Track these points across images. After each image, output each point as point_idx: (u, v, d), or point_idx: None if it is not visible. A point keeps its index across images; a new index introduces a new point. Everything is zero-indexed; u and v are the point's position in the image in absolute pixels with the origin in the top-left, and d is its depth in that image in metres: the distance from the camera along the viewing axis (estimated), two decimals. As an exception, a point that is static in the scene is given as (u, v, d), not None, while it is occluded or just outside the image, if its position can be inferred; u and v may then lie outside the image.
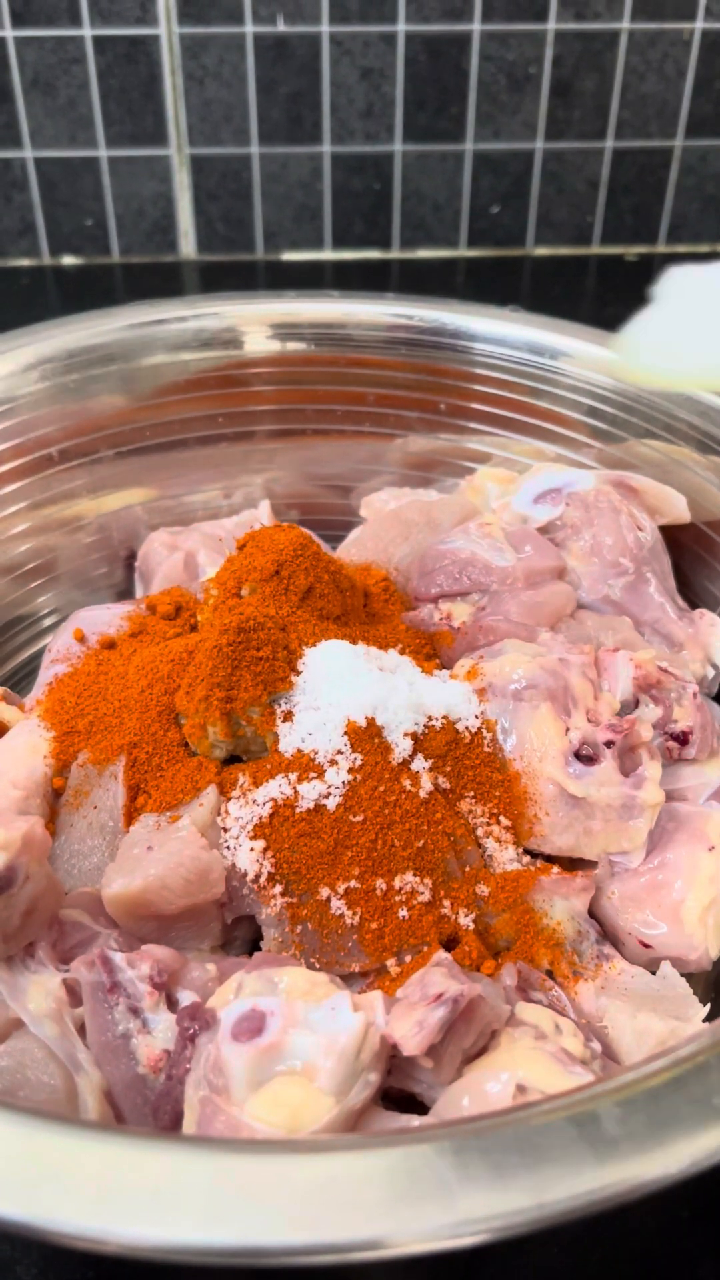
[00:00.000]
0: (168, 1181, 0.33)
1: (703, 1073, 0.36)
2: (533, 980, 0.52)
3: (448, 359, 0.80)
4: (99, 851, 0.56)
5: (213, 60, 1.16)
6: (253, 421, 0.82)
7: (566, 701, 0.58)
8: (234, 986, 0.47)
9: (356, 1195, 0.33)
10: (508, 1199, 0.33)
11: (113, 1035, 0.47)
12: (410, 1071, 0.46)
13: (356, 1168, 0.33)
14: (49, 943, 0.51)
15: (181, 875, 0.51)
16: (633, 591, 0.66)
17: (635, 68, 1.20)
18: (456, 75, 1.20)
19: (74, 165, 1.22)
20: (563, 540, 0.68)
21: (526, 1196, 0.33)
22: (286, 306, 0.81)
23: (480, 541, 0.67)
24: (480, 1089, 0.44)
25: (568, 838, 0.56)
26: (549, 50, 1.19)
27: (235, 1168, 0.33)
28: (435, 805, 0.55)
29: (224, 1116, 0.43)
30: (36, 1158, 0.34)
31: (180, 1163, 0.33)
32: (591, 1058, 0.48)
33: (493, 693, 0.59)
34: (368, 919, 0.52)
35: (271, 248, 1.30)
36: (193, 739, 0.57)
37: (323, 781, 0.54)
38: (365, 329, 0.81)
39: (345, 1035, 0.44)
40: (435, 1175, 0.33)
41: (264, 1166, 0.33)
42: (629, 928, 0.56)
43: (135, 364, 0.79)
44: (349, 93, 1.20)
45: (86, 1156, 0.34)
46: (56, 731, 0.59)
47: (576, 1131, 0.34)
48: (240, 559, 0.62)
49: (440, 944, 0.52)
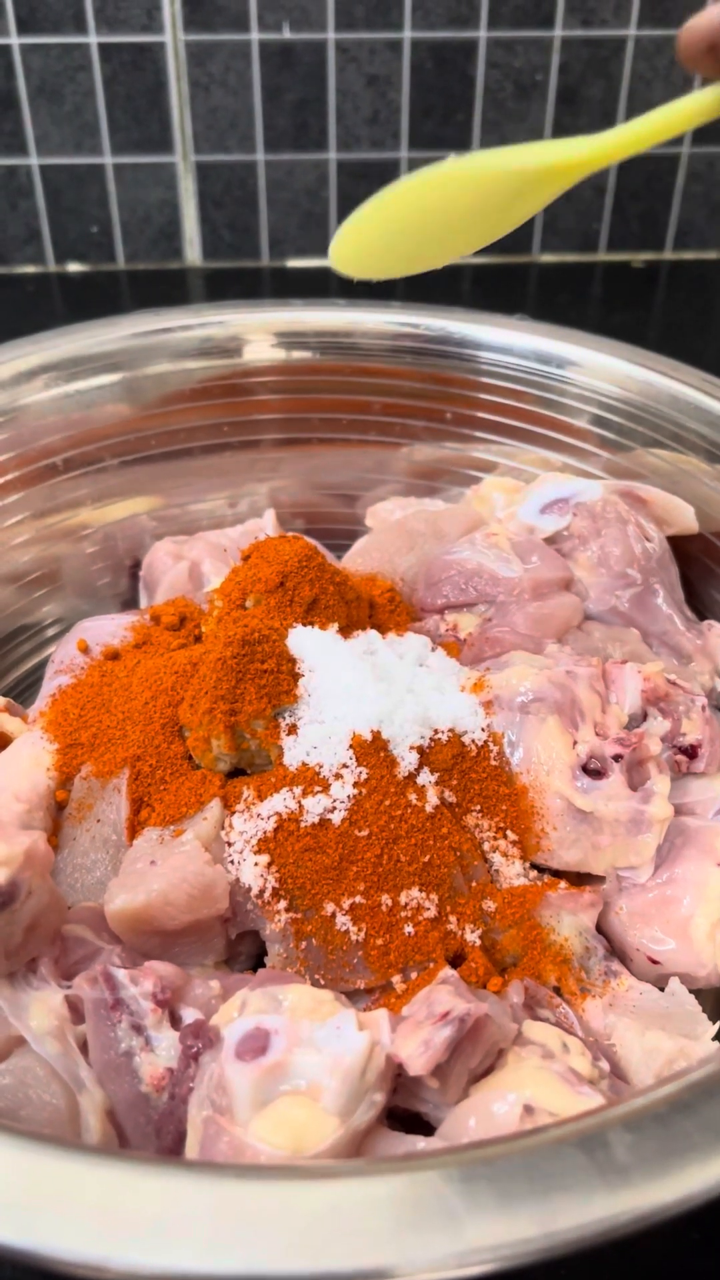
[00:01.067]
0: (170, 1208, 0.32)
1: (713, 1097, 0.36)
2: (540, 997, 0.52)
3: (454, 367, 0.80)
4: (102, 865, 0.55)
5: (218, 67, 1.16)
6: (258, 430, 0.82)
7: (574, 714, 0.58)
8: (238, 1004, 0.47)
9: (361, 1223, 0.32)
10: (516, 1228, 0.32)
11: (115, 1053, 0.46)
12: (416, 1091, 0.46)
13: (361, 1195, 0.33)
14: (51, 959, 0.50)
15: (185, 891, 0.50)
16: (640, 603, 0.66)
17: (642, 74, 1.20)
18: (462, 82, 1.19)
19: (79, 172, 1.22)
20: (570, 551, 0.68)
21: (535, 1225, 0.32)
22: (292, 315, 0.81)
23: (486, 552, 0.67)
24: (487, 1109, 0.44)
25: (575, 853, 0.56)
26: (555, 57, 1.18)
27: (238, 1194, 0.33)
28: (441, 820, 0.54)
29: (227, 1137, 0.42)
30: (37, 1183, 0.33)
31: (182, 1189, 0.33)
32: (600, 1077, 0.47)
33: (499, 705, 0.58)
34: (373, 935, 0.51)
35: (277, 255, 1.29)
36: (196, 752, 0.57)
37: (328, 795, 0.53)
38: (371, 337, 0.80)
39: (350, 1055, 0.43)
40: (442, 1203, 0.33)
41: (267, 1193, 0.33)
42: (637, 944, 0.55)
43: (140, 372, 0.78)
44: (355, 100, 1.19)
45: (87, 1182, 0.33)
46: (60, 744, 0.59)
47: (586, 1158, 0.34)
48: (245, 570, 0.62)
49: (446, 960, 0.52)
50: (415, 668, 0.60)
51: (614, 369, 0.75)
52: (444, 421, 0.81)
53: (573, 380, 0.76)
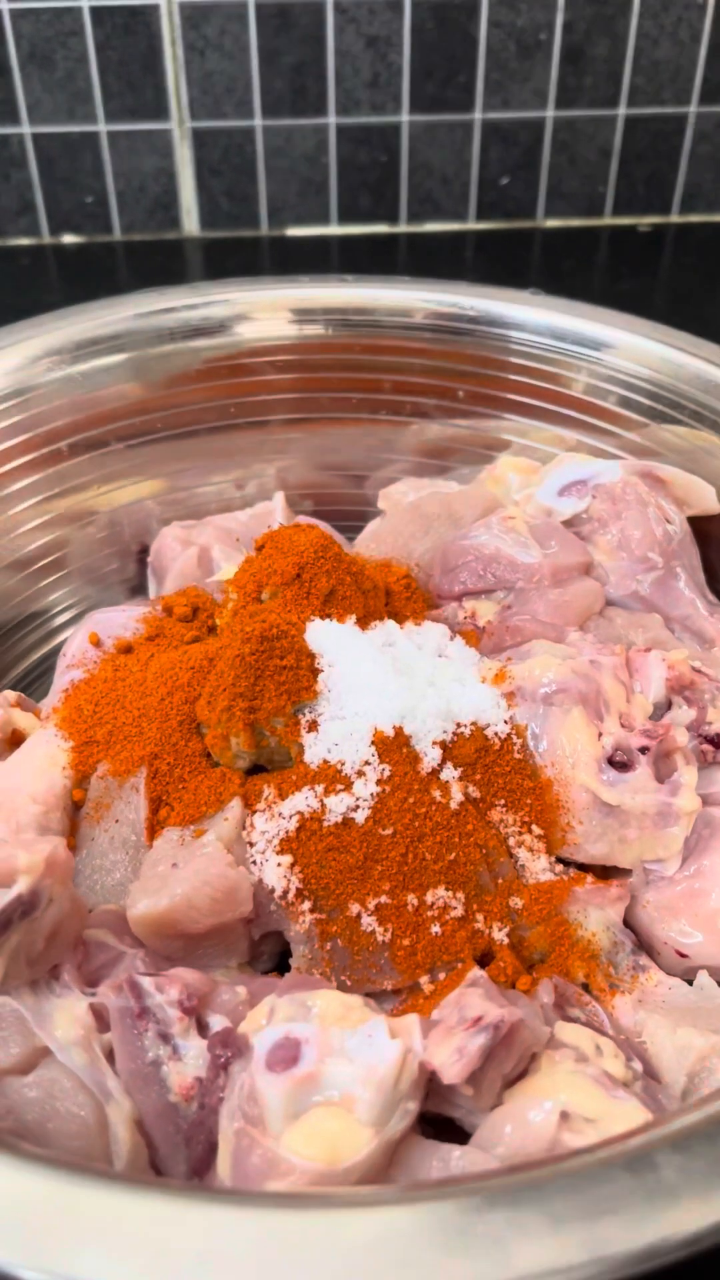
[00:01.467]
0: (214, 1240, 0.32)
1: (762, 1114, 0.35)
2: (569, 996, 0.51)
3: (466, 344, 0.78)
4: (121, 867, 0.54)
5: (214, 30, 1.13)
6: (265, 410, 0.80)
7: (599, 705, 0.57)
8: (266, 1011, 0.46)
9: (409, 1252, 0.31)
10: (565, 1254, 0.31)
11: (143, 1062, 0.46)
12: (449, 1096, 0.45)
13: (407, 1222, 0.32)
14: (74, 965, 0.49)
15: (208, 894, 0.49)
16: (662, 587, 0.64)
17: (649, 33, 1.17)
18: (465, 43, 1.16)
19: (73, 141, 1.19)
20: (589, 534, 0.66)
21: (584, 1251, 0.32)
22: (298, 292, 0.79)
23: (504, 536, 0.65)
24: (523, 1117, 0.43)
25: (602, 846, 0.55)
26: (560, 16, 1.15)
27: (283, 1224, 0.32)
28: (466, 816, 0.53)
29: (260, 1149, 0.42)
30: (78, 1215, 0.32)
31: (226, 1220, 0.32)
32: (633, 1079, 0.46)
33: (522, 696, 0.57)
34: (399, 935, 0.51)
35: (276, 223, 1.27)
36: (215, 749, 0.56)
37: (350, 794, 0.52)
38: (380, 314, 0.78)
39: (384, 1064, 0.42)
40: (489, 1229, 0.32)
41: (312, 1222, 0.32)
42: (665, 937, 0.54)
43: (145, 353, 0.76)
44: (354, 62, 1.16)
45: (130, 1213, 0.32)
46: (75, 741, 0.58)
47: (634, 1180, 0.33)
48: (259, 561, 0.61)
49: (474, 960, 0.51)
50: (435, 659, 0.59)
51: (633, 345, 0.73)
52: (455, 399, 0.79)
53: (588, 356, 0.75)
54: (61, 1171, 0.34)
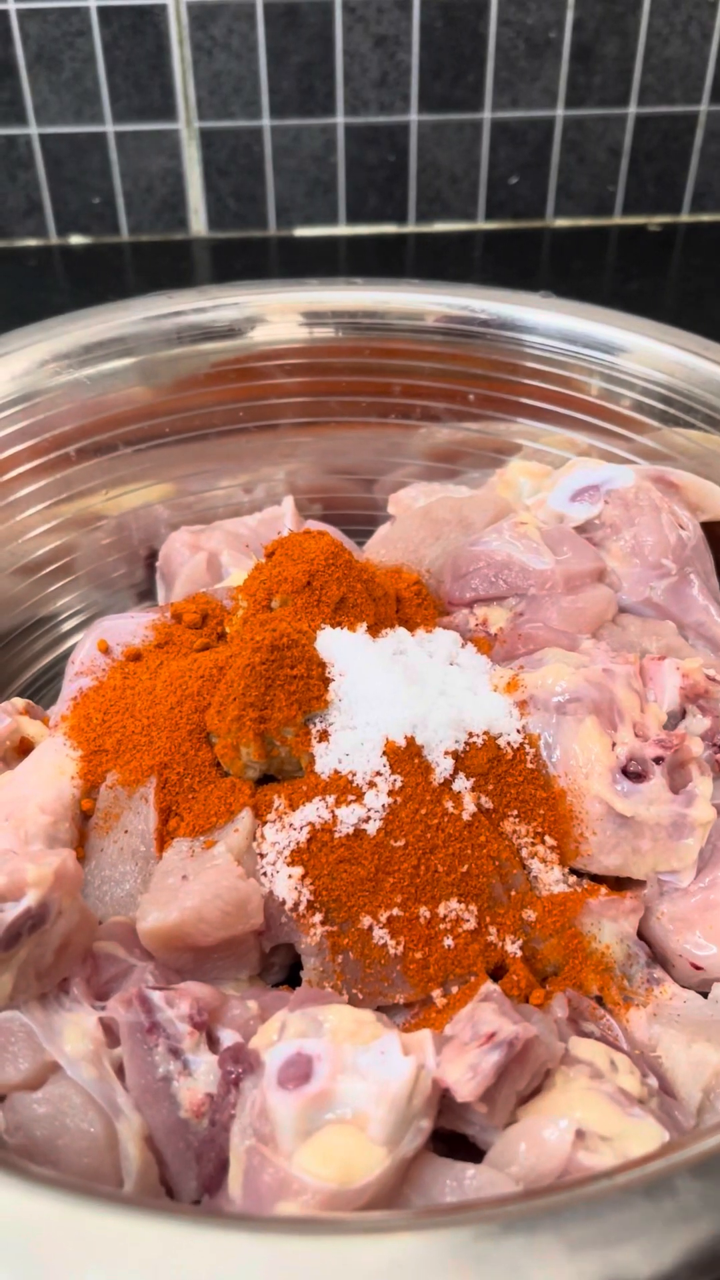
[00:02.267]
0: (224, 1268, 0.31)
1: (783, 1138, 0.34)
2: (583, 1009, 0.50)
3: (476, 347, 0.77)
4: (131, 878, 0.54)
5: (221, 30, 1.13)
6: (274, 414, 0.80)
7: (612, 715, 0.56)
8: (277, 1026, 0.45)
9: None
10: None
11: (153, 1078, 0.45)
12: (462, 1113, 0.45)
13: (421, 1249, 0.32)
14: (83, 978, 0.49)
15: (219, 907, 0.49)
16: (675, 593, 0.64)
17: (659, 31, 1.16)
18: (474, 41, 1.15)
19: (80, 141, 1.18)
20: (601, 540, 0.66)
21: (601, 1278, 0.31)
22: (307, 295, 0.78)
23: (515, 542, 0.65)
24: (537, 1135, 0.43)
25: (615, 857, 0.54)
26: (569, 14, 1.14)
27: (294, 1251, 0.32)
28: (479, 827, 0.53)
29: (272, 1168, 0.41)
30: (82, 1239, 0.32)
31: (236, 1246, 0.32)
32: (649, 1095, 0.46)
33: (534, 705, 0.57)
34: (412, 948, 0.50)
35: (284, 223, 1.26)
36: (225, 759, 0.55)
37: (362, 805, 0.52)
38: (390, 317, 0.78)
39: (397, 1082, 0.42)
40: (506, 1256, 0.31)
41: (324, 1250, 0.32)
42: (680, 949, 0.54)
43: (152, 357, 0.76)
44: (362, 61, 1.16)
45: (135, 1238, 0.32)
46: (83, 750, 0.57)
47: (653, 1206, 0.32)
48: (269, 568, 0.60)
49: (487, 973, 0.51)
50: (446, 667, 0.59)
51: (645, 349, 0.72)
52: (466, 403, 0.79)
53: (601, 360, 0.74)
54: (69, 1194, 0.33)
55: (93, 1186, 0.34)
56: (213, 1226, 0.33)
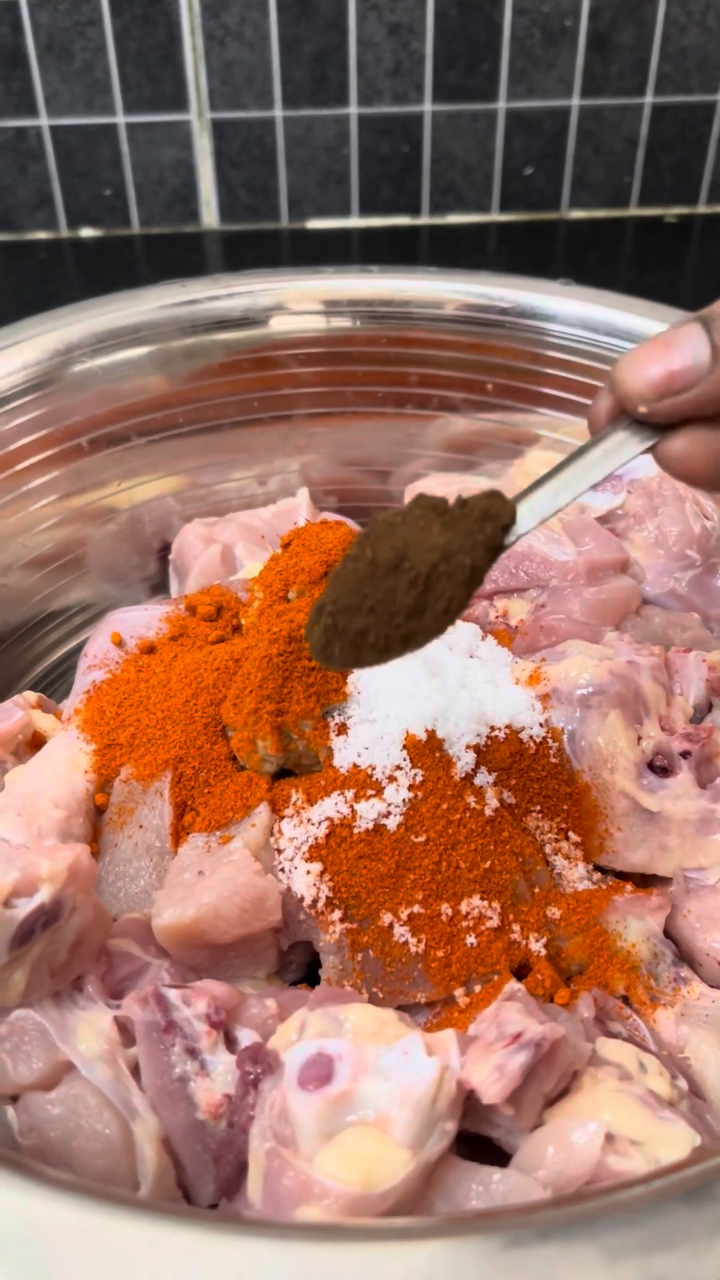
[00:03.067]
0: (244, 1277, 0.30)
1: None
2: (610, 1009, 0.49)
3: (496, 336, 0.76)
4: (146, 874, 0.53)
5: (234, 19, 1.11)
6: (289, 405, 0.79)
7: (637, 708, 0.55)
8: (296, 1025, 0.44)
9: (455, 1290, 0.30)
10: (622, 1292, 0.30)
11: (169, 1079, 0.44)
12: (488, 1116, 0.43)
13: (452, 1256, 0.30)
14: (98, 976, 0.48)
15: (236, 904, 0.48)
16: (700, 584, 0.63)
17: (676, 19, 1.15)
18: (489, 30, 1.14)
19: (91, 133, 1.17)
20: (624, 530, 0.64)
21: (641, 1288, 0.30)
22: (323, 284, 0.77)
23: (537, 534, 0.63)
24: (566, 1139, 0.41)
25: (641, 854, 0.53)
26: (585, 2, 1.13)
27: (318, 1260, 0.30)
28: (501, 823, 0.51)
29: (293, 1171, 0.40)
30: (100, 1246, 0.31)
31: (257, 1254, 0.30)
32: (679, 1098, 0.45)
33: (557, 699, 0.56)
34: (433, 946, 0.49)
35: (297, 215, 1.25)
36: (241, 753, 0.54)
37: (381, 799, 0.51)
38: (409, 306, 0.76)
39: (421, 1083, 0.41)
40: (541, 1264, 0.30)
41: (350, 1258, 0.30)
42: (707, 947, 0.52)
43: (166, 346, 0.75)
44: (376, 51, 1.15)
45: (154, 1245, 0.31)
46: (97, 744, 0.56)
47: (693, 1213, 0.31)
48: (286, 559, 0.59)
49: (510, 972, 0.49)
50: (467, 660, 0.57)
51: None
52: (484, 393, 0.77)
53: (623, 348, 0.73)
54: (83, 1198, 0.32)
55: (107, 1190, 0.33)
56: (231, 1233, 0.31)
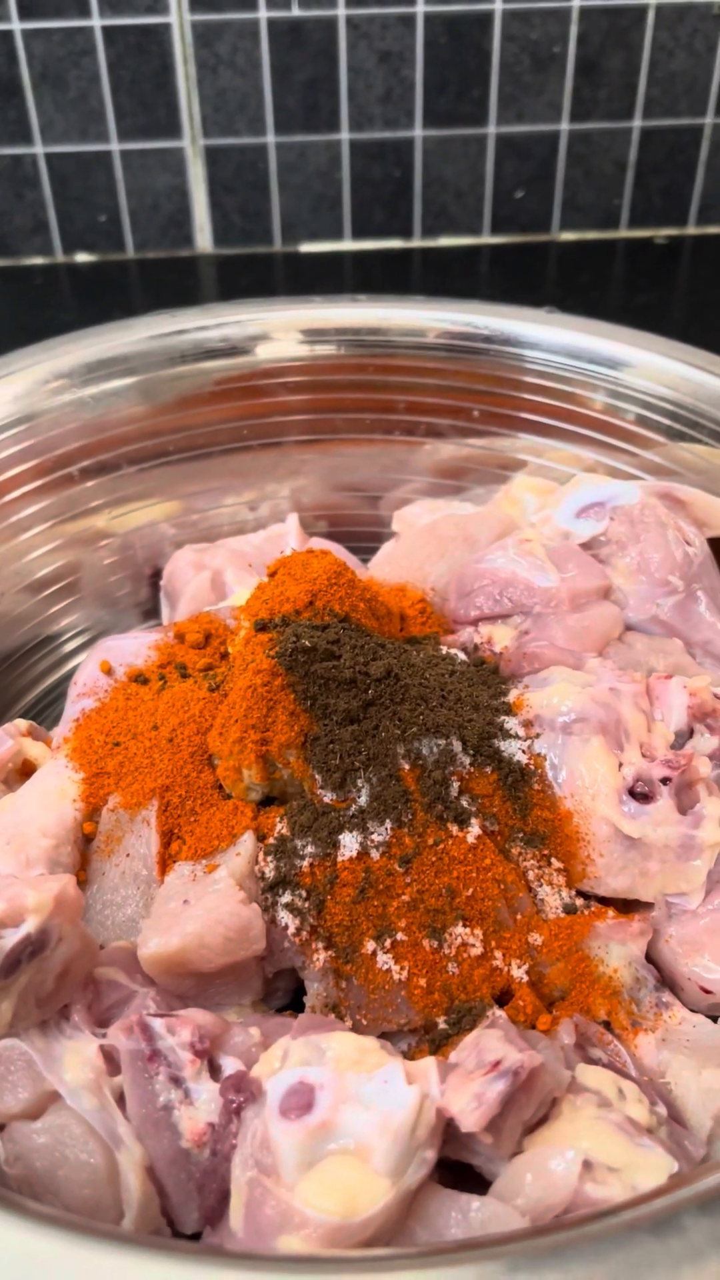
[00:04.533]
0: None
1: None
2: (590, 1034, 0.50)
3: (481, 363, 0.77)
4: (133, 902, 0.53)
5: (226, 48, 1.13)
6: (279, 432, 0.80)
7: (619, 735, 0.55)
8: (279, 1054, 0.45)
9: (426, 1322, 0.30)
10: (589, 1323, 0.30)
11: (154, 1107, 0.44)
12: (467, 1143, 0.44)
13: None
14: (84, 1005, 0.48)
15: (220, 933, 0.48)
16: (682, 611, 0.63)
17: (663, 44, 1.16)
18: (478, 56, 1.15)
19: (86, 160, 1.18)
20: (607, 557, 0.65)
21: (609, 1319, 0.30)
22: (310, 313, 0.78)
23: (520, 560, 0.64)
24: (544, 1166, 0.42)
25: (623, 880, 0.54)
26: (573, 28, 1.14)
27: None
28: (484, 850, 0.52)
29: (274, 1200, 0.40)
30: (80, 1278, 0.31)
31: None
32: (658, 1124, 0.45)
33: (540, 726, 0.56)
34: (416, 974, 0.49)
35: (290, 239, 1.26)
36: (227, 782, 0.55)
37: (365, 829, 0.51)
38: (393, 334, 0.77)
39: (400, 1112, 0.41)
40: (510, 1296, 0.31)
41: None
42: (689, 973, 0.53)
43: (155, 376, 0.76)
44: (367, 78, 1.16)
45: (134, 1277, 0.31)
46: (85, 773, 0.57)
47: (659, 1244, 0.32)
48: (272, 587, 0.60)
49: (493, 998, 0.50)
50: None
51: (651, 364, 0.72)
52: (470, 419, 0.78)
53: (605, 375, 0.74)
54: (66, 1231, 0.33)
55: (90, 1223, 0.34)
56: (211, 1264, 0.32)
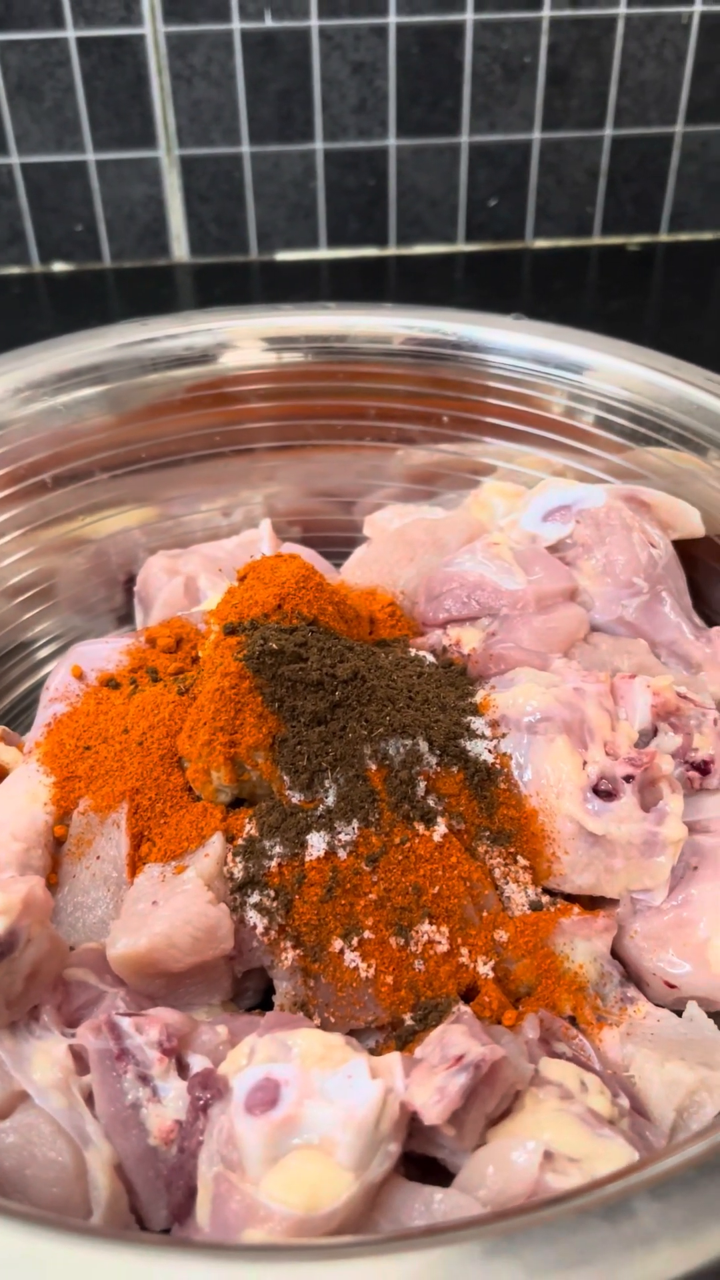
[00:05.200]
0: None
1: (742, 1157, 0.34)
2: (555, 1030, 0.50)
3: (450, 369, 0.78)
4: (103, 904, 0.54)
5: (200, 59, 1.14)
6: (251, 438, 0.80)
7: (583, 734, 0.56)
8: (246, 1051, 0.45)
9: (381, 1307, 0.31)
10: (540, 1306, 0.31)
11: (122, 1105, 0.45)
12: (432, 1136, 0.44)
13: (377, 1276, 0.32)
14: (54, 1005, 0.49)
15: (188, 933, 0.49)
16: (647, 611, 0.64)
17: (633, 54, 1.17)
18: (450, 67, 1.17)
19: (62, 170, 1.19)
20: (573, 559, 0.66)
21: (560, 1302, 0.31)
22: (283, 320, 0.79)
23: (488, 563, 0.65)
24: (506, 1157, 0.42)
25: (588, 876, 0.54)
26: (544, 38, 1.16)
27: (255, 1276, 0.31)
28: (450, 849, 0.53)
29: (239, 1195, 0.41)
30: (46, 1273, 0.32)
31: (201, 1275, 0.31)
32: (620, 1116, 0.46)
33: (506, 725, 0.57)
34: (383, 971, 0.50)
35: (266, 248, 1.27)
36: (196, 784, 0.55)
37: (332, 828, 0.52)
38: (364, 341, 0.78)
39: (364, 1106, 0.42)
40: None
41: (286, 1275, 0.32)
42: (653, 968, 0.54)
43: (127, 384, 0.76)
44: (340, 88, 1.17)
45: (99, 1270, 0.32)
46: (57, 776, 0.58)
47: (611, 1229, 0.32)
48: (241, 592, 0.60)
49: (459, 995, 0.51)
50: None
51: (615, 368, 0.73)
52: (441, 425, 0.79)
53: (571, 380, 0.75)
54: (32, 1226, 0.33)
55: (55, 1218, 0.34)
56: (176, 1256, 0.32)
